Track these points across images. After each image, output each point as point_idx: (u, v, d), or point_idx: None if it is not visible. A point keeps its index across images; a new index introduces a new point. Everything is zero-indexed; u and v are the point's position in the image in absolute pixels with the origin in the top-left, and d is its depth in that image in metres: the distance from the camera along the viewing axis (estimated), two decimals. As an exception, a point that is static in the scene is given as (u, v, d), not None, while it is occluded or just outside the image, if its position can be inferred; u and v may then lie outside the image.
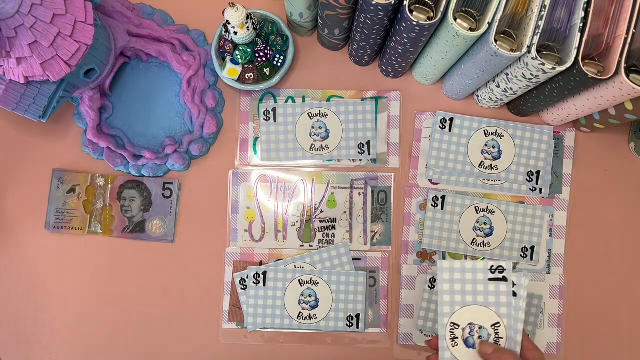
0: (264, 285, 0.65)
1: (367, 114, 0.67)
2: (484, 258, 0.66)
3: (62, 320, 0.67)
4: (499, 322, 0.49)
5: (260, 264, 0.66)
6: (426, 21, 0.51)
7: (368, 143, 0.67)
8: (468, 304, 0.49)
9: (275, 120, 0.67)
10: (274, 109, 0.68)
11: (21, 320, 0.67)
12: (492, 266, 0.49)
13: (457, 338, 0.49)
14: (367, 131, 0.67)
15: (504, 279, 0.49)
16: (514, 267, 0.66)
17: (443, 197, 0.66)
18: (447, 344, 0.49)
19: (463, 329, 0.49)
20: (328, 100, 0.68)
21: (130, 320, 0.67)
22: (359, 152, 0.67)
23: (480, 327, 0.49)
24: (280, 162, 0.67)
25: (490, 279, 0.49)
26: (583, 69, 0.49)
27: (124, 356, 0.67)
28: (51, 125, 0.68)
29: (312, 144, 0.67)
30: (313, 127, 0.67)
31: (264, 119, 0.67)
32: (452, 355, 0.49)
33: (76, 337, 0.67)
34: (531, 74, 0.52)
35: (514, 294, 0.49)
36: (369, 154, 0.67)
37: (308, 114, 0.67)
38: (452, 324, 0.49)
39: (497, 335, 0.49)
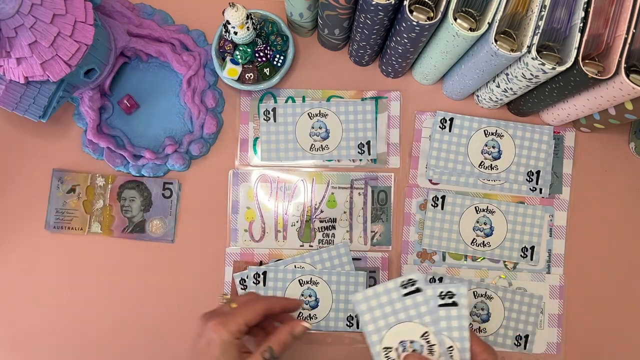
0: (264, 285, 0.65)
1: (367, 114, 0.67)
2: (484, 258, 0.66)
3: (61, 320, 0.67)
4: (426, 332, 0.49)
5: (260, 264, 0.66)
6: (426, 21, 0.51)
7: (368, 143, 0.67)
8: (392, 325, 0.49)
9: (275, 120, 0.67)
10: (274, 109, 0.68)
11: (21, 320, 0.67)
12: (403, 281, 0.49)
13: None
14: (367, 131, 0.67)
15: (418, 290, 0.49)
16: (514, 267, 0.66)
17: (443, 197, 0.66)
18: None
19: (396, 349, 0.49)
20: (328, 100, 0.68)
21: (130, 320, 0.67)
22: (359, 152, 0.67)
23: (411, 342, 0.49)
24: (280, 162, 0.67)
25: (404, 295, 0.49)
26: (583, 69, 0.49)
27: (124, 356, 0.67)
28: (51, 125, 0.68)
29: (312, 144, 0.67)
30: (313, 127, 0.67)
31: (264, 119, 0.67)
32: None
33: (76, 337, 0.67)
34: (531, 74, 0.52)
35: (455, 304, 0.49)
36: (369, 154, 0.67)
37: (308, 114, 0.67)
38: (384, 349, 0.49)
39: (429, 344, 0.49)
